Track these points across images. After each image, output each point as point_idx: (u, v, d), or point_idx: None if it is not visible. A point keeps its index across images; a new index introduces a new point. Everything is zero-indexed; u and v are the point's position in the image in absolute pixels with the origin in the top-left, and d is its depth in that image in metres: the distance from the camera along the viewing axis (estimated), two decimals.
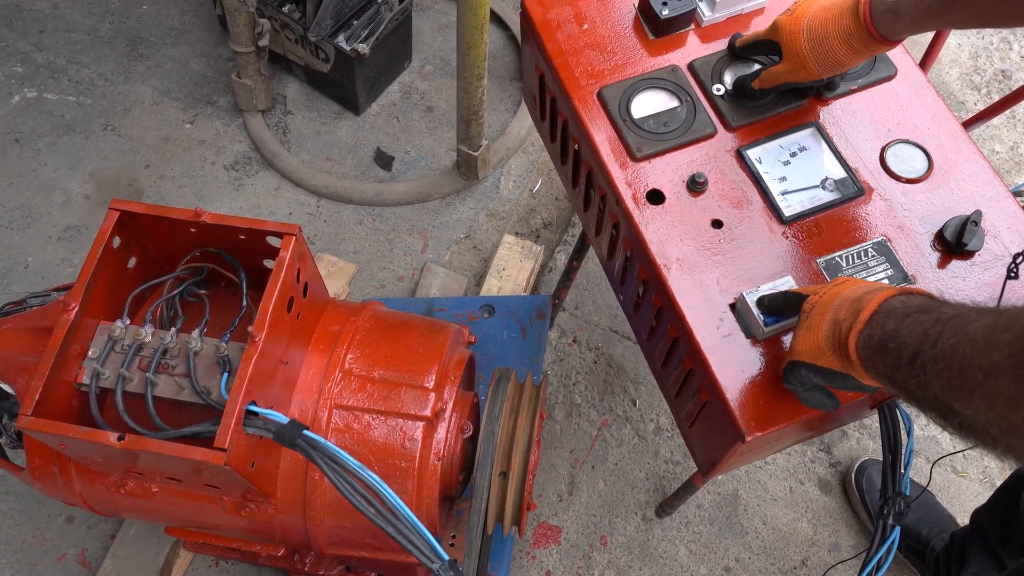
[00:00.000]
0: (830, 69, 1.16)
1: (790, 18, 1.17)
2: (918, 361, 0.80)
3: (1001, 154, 2.61)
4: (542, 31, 1.33)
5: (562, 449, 2.05)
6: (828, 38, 1.13)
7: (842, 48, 1.13)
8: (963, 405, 0.75)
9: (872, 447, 2.08)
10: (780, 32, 1.18)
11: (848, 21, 1.10)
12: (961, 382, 0.75)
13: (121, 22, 2.70)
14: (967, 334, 0.76)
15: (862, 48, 1.12)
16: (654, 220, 1.18)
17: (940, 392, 0.78)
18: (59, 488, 1.37)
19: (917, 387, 0.81)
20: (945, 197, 1.21)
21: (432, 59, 2.66)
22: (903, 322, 0.85)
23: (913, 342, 0.81)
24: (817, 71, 1.17)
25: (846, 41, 1.12)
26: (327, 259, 2.25)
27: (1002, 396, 0.71)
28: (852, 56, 1.14)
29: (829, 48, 1.13)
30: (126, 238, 1.28)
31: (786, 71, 1.19)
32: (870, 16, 1.08)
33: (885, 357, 0.85)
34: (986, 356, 0.72)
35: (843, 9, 1.11)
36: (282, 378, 1.26)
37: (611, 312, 2.23)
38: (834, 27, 1.12)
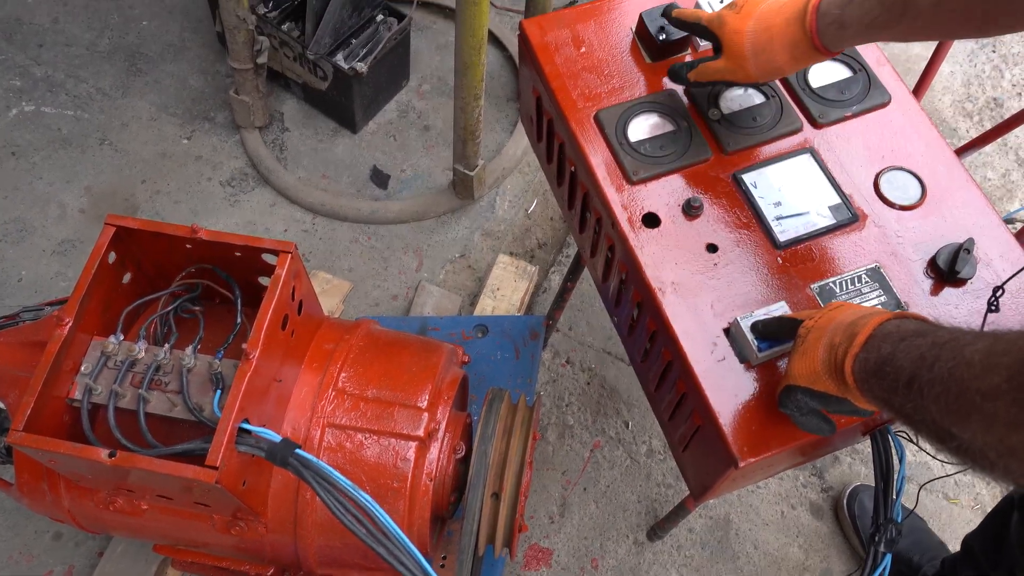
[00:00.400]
0: (769, 75, 1.16)
1: (736, 16, 1.16)
2: (915, 385, 0.80)
3: (993, 181, 2.63)
4: (540, 54, 1.34)
5: (554, 470, 2.05)
6: (772, 44, 1.12)
7: (784, 56, 1.12)
8: (961, 428, 0.75)
9: (864, 472, 2.08)
10: (724, 28, 1.16)
11: (794, 30, 1.10)
12: (959, 405, 0.75)
13: (120, 37, 2.71)
14: (964, 357, 0.76)
15: (803, 58, 1.12)
16: (649, 243, 1.19)
17: (938, 415, 0.78)
18: (48, 504, 1.36)
19: (914, 411, 0.81)
20: (938, 224, 1.22)
21: (430, 78, 2.68)
22: (899, 346, 0.85)
23: (910, 366, 0.82)
24: (755, 74, 1.16)
25: (790, 50, 1.11)
26: (322, 276, 2.25)
27: (1000, 419, 0.71)
28: (793, 64, 1.14)
29: (772, 54, 1.13)
30: (121, 253, 1.28)
31: (724, 68, 1.18)
32: (816, 27, 1.07)
33: (882, 381, 0.86)
34: (984, 379, 0.73)
35: (790, 17, 1.10)
36: (275, 396, 1.26)
37: (605, 333, 2.23)
38: (779, 34, 1.11)
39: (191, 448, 1.13)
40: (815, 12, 1.07)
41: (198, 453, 1.10)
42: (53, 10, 2.74)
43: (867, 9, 1.02)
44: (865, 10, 1.02)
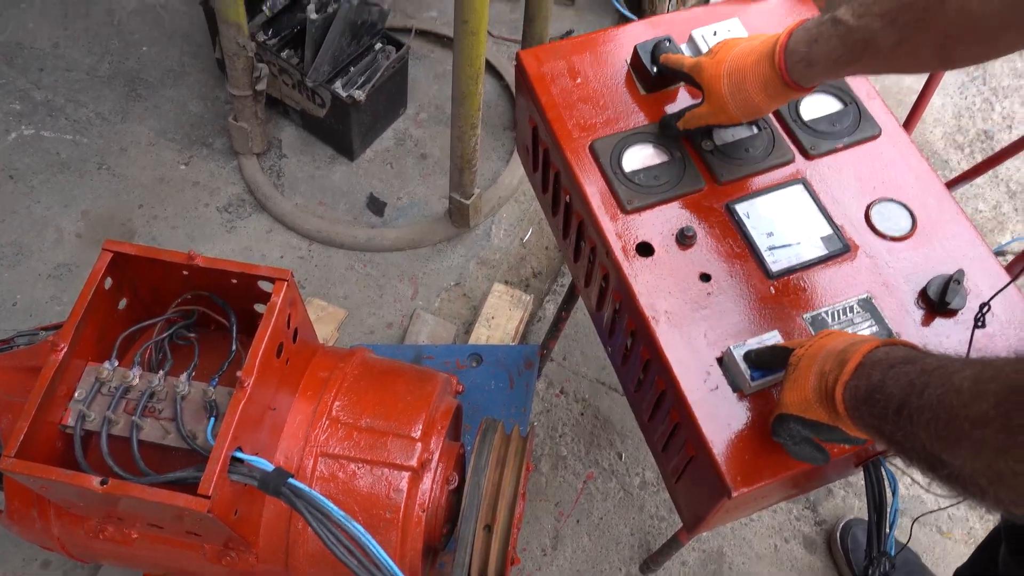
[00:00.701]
0: (749, 114, 1.20)
1: (711, 61, 1.20)
2: (904, 412, 0.81)
3: (984, 213, 2.65)
4: (536, 84, 1.36)
5: (547, 502, 2.04)
6: (746, 85, 1.16)
7: (759, 95, 1.16)
8: (951, 455, 0.76)
9: (858, 506, 2.07)
10: (703, 74, 1.21)
11: (764, 68, 1.14)
12: (948, 432, 0.75)
13: (121, 63, 2.73)
14: (953, 384, 0.77)
15: (778, 95, 1.16)
16: (643, 272, 1.19)
17: (928, 442, 0.78)
18: (37, 532, 1.35)
19: (904, 438, 0.82)
20: (929, 255, 1.23)
21: (427, 107, 2.70)
22: (888, 373, 0.86)
23: (899, 393, 0.83)
24: (737, 115, 1.20)
25: (763, 88, 1.15)
26: (317, 303, 2.25)
27: (989, 445, 0.71)
28: (769, 102, 1.17)
29: (747, 94, 1.16)
30: (118, 279, 1.29)
31: (708, 113, 1.22)
32: (784, 65, 1.11)
33: (872, 408, 0.86)
34: (972, 406, 0.73)
35: (760, 56, 1.14)
36: (269, 424, 1.26)
37: (599, 363, 2.23)
38: (751, 74, 1.15)
39: (184, 476, 1.12)
40: (783, 51, 1.11)
41: (190, 482, 1.10)
42: (54, 35, 2.77)
43: (832, 47, 1.07)
44: (830, 48, 1.07)
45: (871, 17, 1.02)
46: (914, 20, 0.99)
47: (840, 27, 1.05)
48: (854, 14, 1.04)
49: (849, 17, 1.04)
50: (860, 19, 1.03)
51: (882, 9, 1.01)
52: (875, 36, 1.02)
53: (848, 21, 1.04)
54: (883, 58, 1.04)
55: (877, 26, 1.02)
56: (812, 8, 1.46)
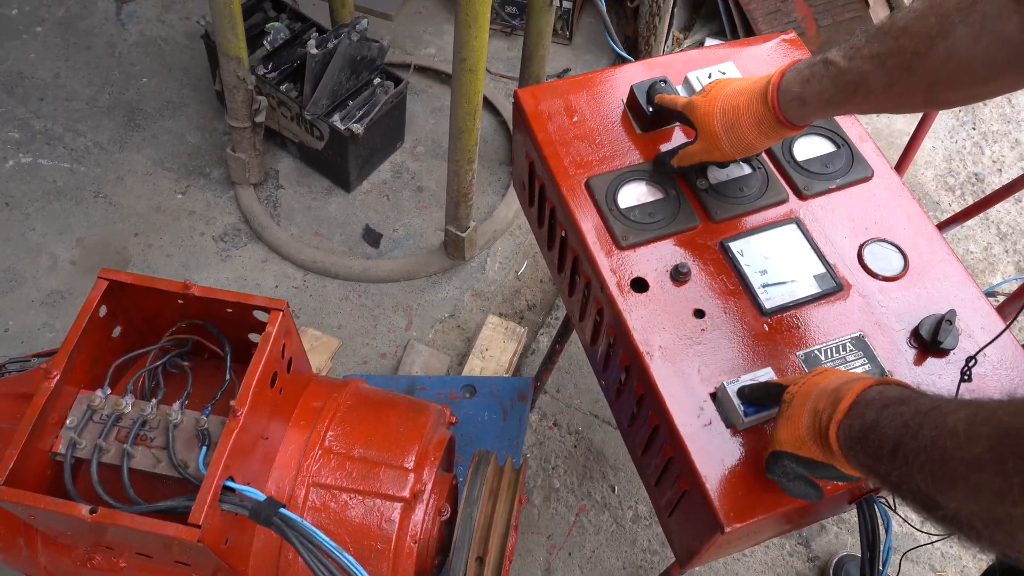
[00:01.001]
0: (742, 151, 1.21)
1: (704, 100, 1.22)
2: (899, 453, 0.81)
3: (975, 254, 2.67)
4: (533, 121, 1.38)
5: (539, 534, 2.03)
6: (740, 122, 1.17)
7: (753, 132, 1.18)
8: (946, 498, 0.76)
9: (851, 542, 2.06)
10: (695, 112, 1.23)
11: (758, 107, 1.16)
12: (944, 474, 0.76)
13: (120, 93, 2.75)
14: (947, 426, 0.77)
15: (771, 132, 1.17)
16: (637, 308, 1.20)
17: (923, 484, 0.78)
18: (24, 560, 1.33)
19: (899, 479, 0.82)
20: (920, 296, 1.24)
21: (424, 140, 2.73)
22: (882, 413, 0.86)
23: (894, 434, 0.83)
24: (730, 152, 1.21)
25: (756, 126, 1.17)
26: (311, 333, 2.25)
27: (986, 489, 0.72)
28: (762, 139, 1.19)
29: (741, 132, 1.18)
30: (112, 307, 1.29)
31: (702, 150, 1.24)
32: (778, 103, 1.13)
33: (867, 448, 0.87)
34: (967, 449, 0.74)
35: (753, 95, 1.16)
36: (261, 453, 1.25)
37: (592, 396, 2.23)
38: (745, 112, 1.17)
39: (174, 505, 1.12)
40: (776, 90, 1.13)
41: (181, 511, 1.09)
42: (55, 66, 2.79)
43: (823, 87, 1.09)
44: (822, 88, 1.09)
45: (861, 59, 1.04)
46: (903, 64, 1.01)
47: (831, 68, 1.07)
48: (845, 56, 1.06)
49: (840, 59, 1.07)
50: (851, 61, 1.05)
51: (872, 52, 1.03)
52: (866, 78, 1.04)
53: (839, 63, 1.07)
54: (874, 99, 1.07)
55: (867, 68, 1.04)
56: (806, 52, 1.49)
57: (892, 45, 1.02)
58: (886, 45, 1.02)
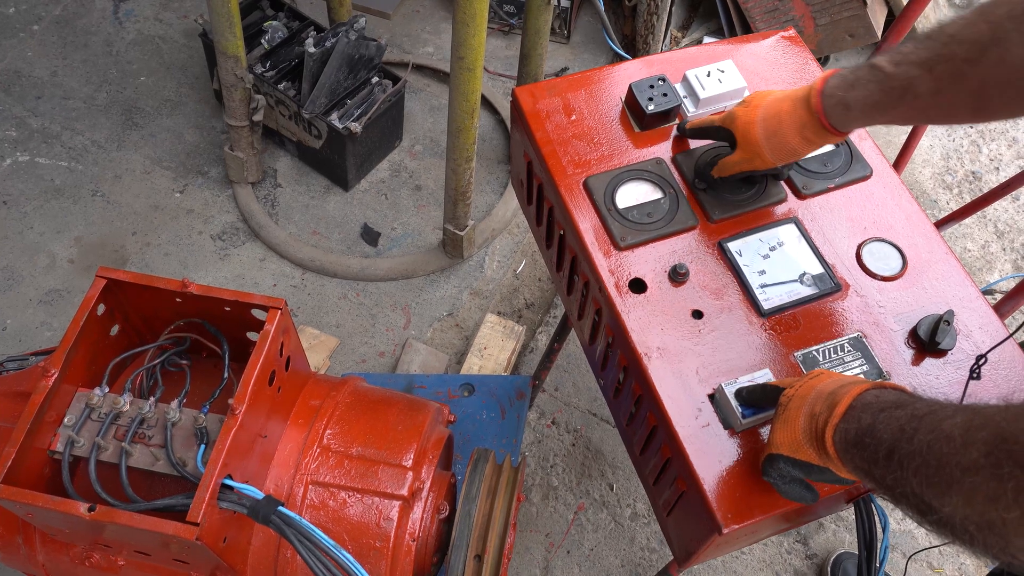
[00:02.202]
0: (784, 158, 1.21)
1: (745, 110, 1.22)
2: (895, 457, 0.81)
3: (973, 252, 2.68)
4: (531, 120, 1.38)
5: (538, 532, 2.03)
6: (782, 128, 1.17)
7: (796, 138, 1.17)
8: (941, 502, 0.76)
9: (848, 540, 2.07)
10: (736, 122, 1.23)
11: (801, 113, 1.15)
12: (939, 478, 0.76)
13: (118, 92, 2.75)
14: (943, 431, 0.77)
15: (815, 138, 1.17)
16: (636, 308, 1.20)
17: (918, 488, 0.79)
18: (21, 558, 1.33)
19: (895, 482, 0.82)
20: (919, 295, 1.24)
21: (422, 139, 2.73)
22: (879, 417, 0.87)
23: (889, 438, 0.83)
24: (772, 159, 1.21)
25: (799, 131, 1.17)
26: (309, 332, 2.25)
27: (981, 493, 0.72)
28: (806, 145, 1.19)
29: (784, 138, 1.18)
30: (110, 305, 1.29)
31: (742, 160, 1.24)
32: (822, 108, 1.13)
33: (862, 452, 0.87)
34: (963, 454, 0.74)
35: (796, 101, 1.16)
36: (259, 452, 1.25)
37: (591, 395, 2.23)
38: (788, 118, 1.17)
39: (172, 504, 1.12)
40: (819, 95, 1.13)
41: (179, 509, 1.09)
42: (52, 64, 2.79)
43: (869, 92, 1.08)
44: (868, 93, 1.08)
45: (909, 65, 1.03)
46: (953, 70, 0.99)
47: (878, 73, 1.06)
48: (892, 62, 1.05)
49: (887, 64, 1.05)
50: (898, 67, 1.04)
51: (920, 58, 1.02)
52: (913, 84, 1.03)
53: (886, 68, 1.05)
54: (920, 106, 1.05)
55: (915, 74, 1.02)
56: (805, 49, 1.49)
57: (941, 51, 1.00)
58: (935, 51, 1.01)
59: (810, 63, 1.48)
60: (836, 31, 2.81)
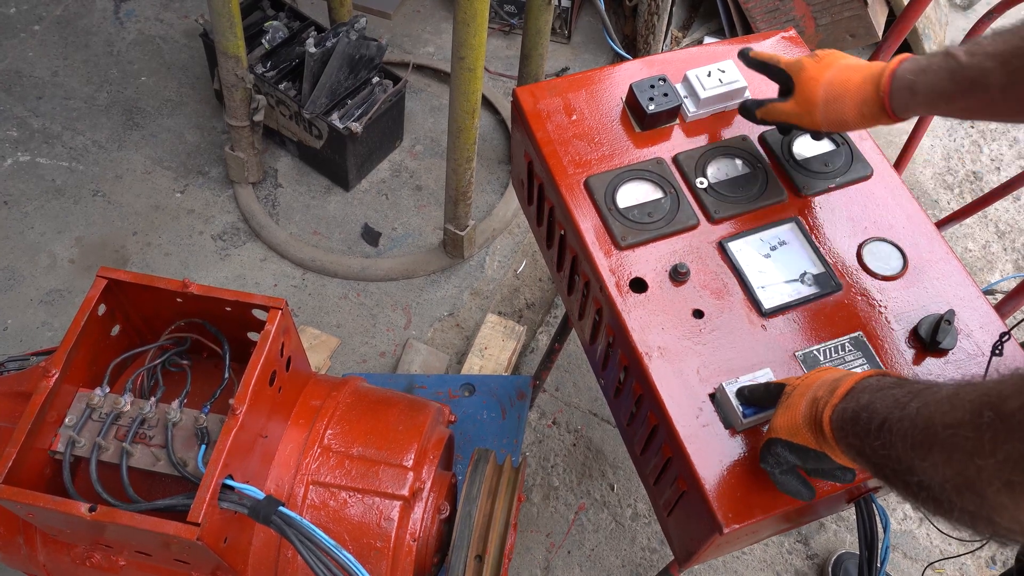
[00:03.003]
0: (835, 126, 1.20)
1: (815, 63, 1.21)
2: (885, 425, 0.83)
3: (974, 252, 2.68)
4: (532, 120, 1.38)
5: (538, 533, 2.03)
6: (845, 97, 1.16)
7: (854, 111, 1.17)
8: (923, 460, 0.77)
9: (849, 540, 2.07)
10: (802, 73, 1.21)
11: (868, 88, 1.14)
12: (924, 438, 0.77)
13: (119, 92, 2.75)
14: (934, 398, 0.79)
15: (870, 116, 1.16)
16: (636, 308, 1.20)
17: (902, 452, 0.80)
18: (22, 559, 1.33)
19: (882, 447, 0.83)
20: (919, 295, 1.24)
21: (423, 139, 2.73)
22: (876, 395, 0.88)
23: (883, 410, 0.84)
24: (822, 123, 1.20)
25: (859, 106, 1.16)
26: (310, 332, 2.25)
27: (960, 448, 0.73)
28: (859, 121, 1.18)
29: (842, 107, 1.17)
30: (111, 305, 1.29)
31: (792, 112, 1.23)
32: (889, 90, 1.12)
33: (856, 427, 0.88)
34: (950, 413, 0.75)
35: (866, 76, 1.15)
36: (260, 452, 1.25)
37: (591, 395, 2.23)
38: (854, 89, 1.16)
39: (173, 504, 1.12)
40: (891, 75, 1.12)
41: (180, 509, 1.09)
42: (53, 64, 2.79)
43: (939, 79, 1.07)
44: (937, 79, 1.07)
45: (983, 56, 1.02)
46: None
47: (951, 61, 1.05)
48: (966, 52, 1.04)
49: (961, 54, 1.05)
50: (972, 57, 1.03)
51: (995, 50, 1.01)
52: (985, 76, 1.02)
53: (960, 57, 1.05)
54: (988, 100, 1.04)
55: (989, 66, 1.02)
56: (805, 50, 1.49)
57: (1019, 44, 0.99)
58: (1012, 44, 1.00)
59: None
60: (837, 31, 2.81)
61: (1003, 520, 0.72)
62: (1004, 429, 0.69)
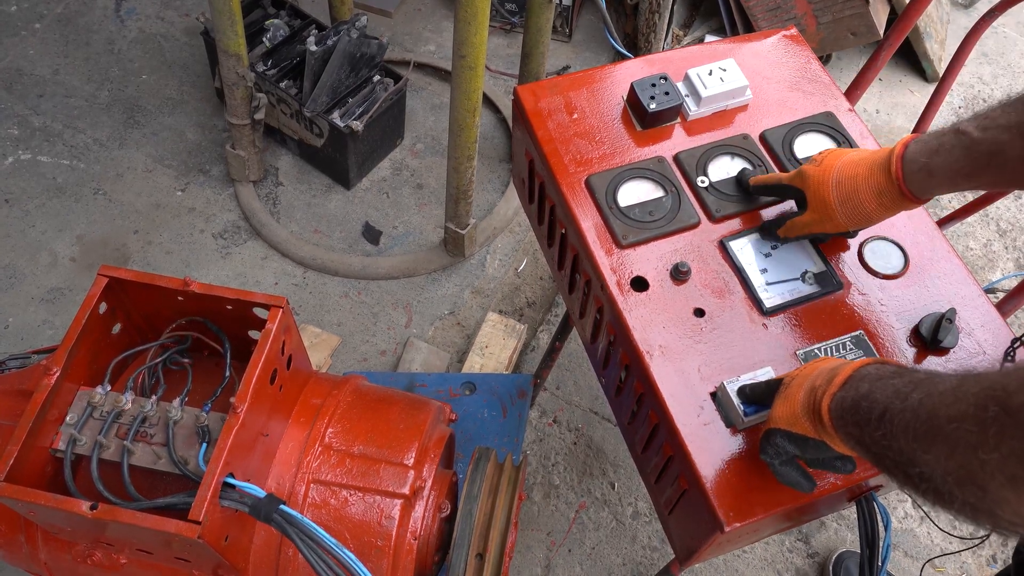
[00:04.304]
0: (858, 223, 1.18)
1: (818, 169, 1.18)
2: (886, 416, 0.82)
3: (975, 251, 2.67)
4: (533, 119, 1.38)
5: (539, 531, 2.03)
6: (858, 193, 1.14)
7: (872, 203, 1.14)
8: (924, 452, 0.77)
9: (850, 538, 2.07)
10: (807, 182, 1.19)
11: (879, 178, 1.12)
12: (926, 430, 0.77)
13: (120, 90, 2.75)
14: (937, 390, 0.78)
15: (892, 205, 1.13)
16: (637, 307, 1.20)
17: (904, 444, 0.79)
18: (24, 557, 1.33)
19: (883, 438, 0.82)
20: (921, 294, 1.24)
21: (424, 138, 2.73)
22: (876, 384, 0.88)
23: (884, 400, 0.84)
24: (844, 223, 1.17)
25: (876, 197, 1.13)
26: (311, 330, 2.25)
27: (963, 441, 0.72)
28: (882, 212, 1.15)
29: (859, 203, 1.14)
30: (112, 304, 1.29)
31: (812, 221, 1.20)
32: (902, 175, 1.09)
33: (856, 416, 0.88)
34: (953, 406, 0.75)
35: (873, 166, 1.13)
36: (261, 450, 1.25)
37: (592, 393, 2.23)
38: (864, 183, 1.13)
39: (174, 502, 1.12)
40: (900, 161, 1.10)
41: (181, 507, 1.09)
42: (54, 62, 2.79)
43: (955, 159, 1.05)
44: (953, 159, 1.05)
45: (997, 129, 1.01)
46: None
47: (963, 138, 1.04)
48: (978, 126, 1.03)
49: (973, 129, 1.03)
50: (985, 132, 1.02)
51: (1009, 122, 1.00)
52: (1002, 148, 1.01)
53: (972, 133, 1.03)
54: (1009, 171, 1.03)
55: (1004, 138, 1.00)
56: (807, 48, 1.49)
57: None
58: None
59: (812, 62, 1.48)
60: (838, 29, 2.80)
61: (1005, 514, 0.72)
62: (1010, 424, 0.69)
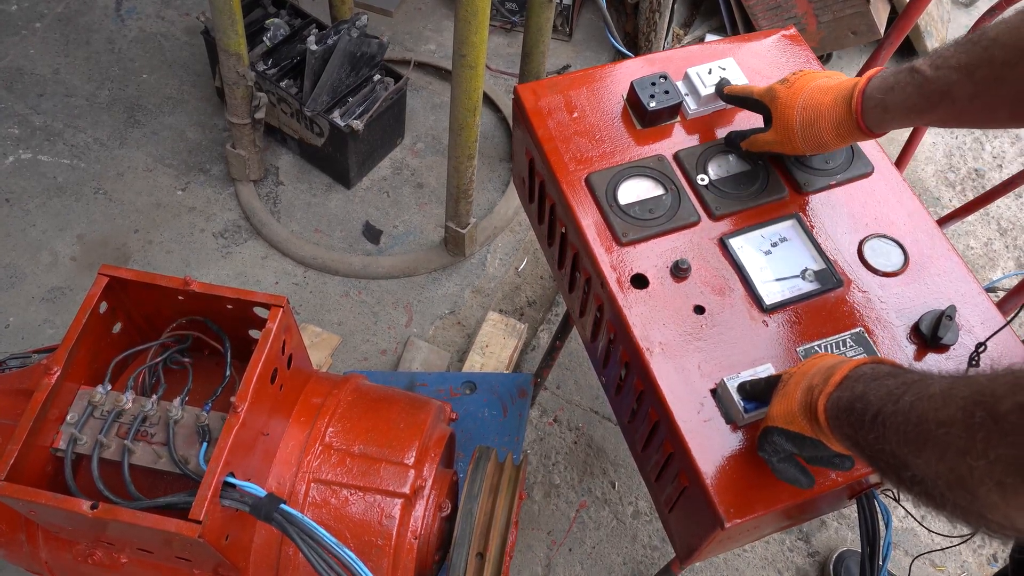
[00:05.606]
0: (815, 149, 1.23)
1: (787, 91, 1.22)
2: (879, 418, 0.83)
3: (976, 250, 2.67)
4: (533, 118, 1.38)
5: (539, 530, 2.03)
6: (819, 120, 1.19)
7: (830, 133, 1.19)
8: (915, 456, 0.77)
9: (851, 538, 2.07)
10: (775, 102, 1.23)
11: (841, 110, 1.16)
12: (917, 434, 0.77)
13: (120, 89, 2.75)
14: (927, 393, 0.79)
15: (847, 136, 1.19)
16: (638, 304, 1.20)
17: (896, 446, 0.80)
18: (24, 556, 1.33)
19: (876, 440, 0.83)
20: (921, 291, 1.24)
21: (424, 137, 2.72)
22: (870, 385, 0.88)
23: (877, 401, 0.85)
24: (802, 147, 1.23)
25: (835, 128, 1.18)
26: (311, 329, 2.25)
27: (952, 446, 0.73)
28: (837, 141, 1.20)
29: (818, 130, 1.19)
30: (113, 303, 1.29)
31: (774, 141, 1.25)
32: (861, 109, 1.14)
33: (850, 417, 0.88)
34: (942, 410, 0.75)
35: (838, 96, 1.17)
36: (261, 450, 1.25)
37: (592, 392, 2.23)
38: (827, 112, 1.18)
39: (175, 501, 1.12)
40: (861, 95, 1.14)
41: (181, 507, 1.09)
42: (55, 62, 2.79)
43: (907, 96, 1.09)
44: (905, 96, 1.09)
45: (948, 69, 1.03)
46: (992, 75, 1.00)
47: (917, 76, 1.07)
48: (931, 65, 1.06)
49: (926, 68, 1.06)
50: (937, 71, 1.05)
51: (959, 62, 1.02)
52: (951, 88, 1.03)
53: (925, 71, 1.06)
54: (958, 111, 1.05)
55: (954, 78, 1.03)
56: (806, 48, 1.49)
57: (981, 55, 1.01)
58: (975, 55, 1.01)
59: (812, 62, 1.48)
60: (839, 28, 2.80)
61: (994, 517, 0.72)
62: (996, 431, 0.69)
